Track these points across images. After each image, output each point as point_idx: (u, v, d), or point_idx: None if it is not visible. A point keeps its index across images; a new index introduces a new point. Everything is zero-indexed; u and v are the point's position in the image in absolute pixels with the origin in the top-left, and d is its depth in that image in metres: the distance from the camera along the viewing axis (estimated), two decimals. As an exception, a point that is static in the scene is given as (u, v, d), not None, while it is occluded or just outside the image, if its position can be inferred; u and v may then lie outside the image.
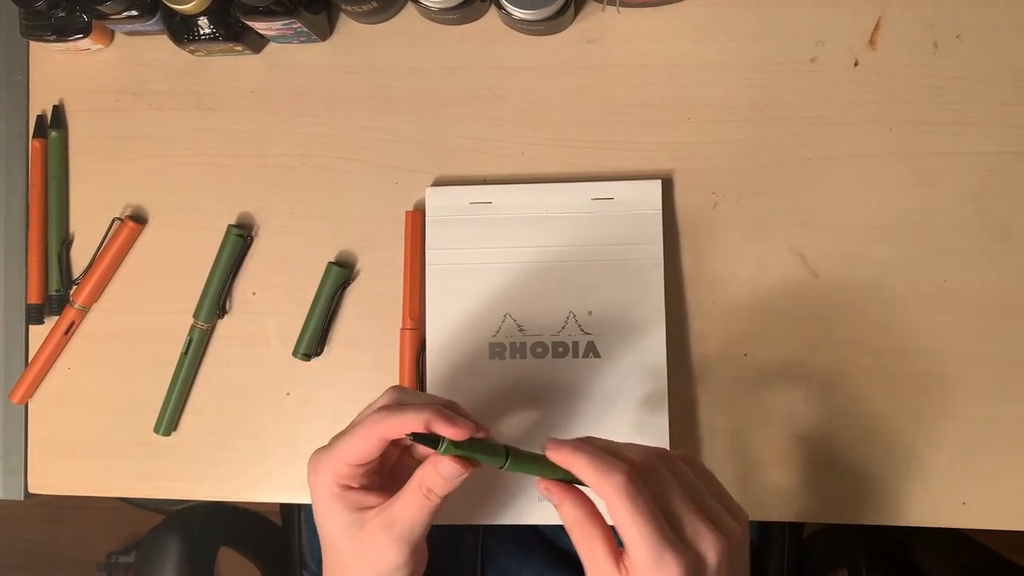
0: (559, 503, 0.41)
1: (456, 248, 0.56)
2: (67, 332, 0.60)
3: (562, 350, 0.55)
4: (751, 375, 0.55)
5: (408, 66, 0.59)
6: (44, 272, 0.61)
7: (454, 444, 0.41)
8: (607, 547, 0.40)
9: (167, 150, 0.60)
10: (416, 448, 0.47)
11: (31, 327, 0.61)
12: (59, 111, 0.61)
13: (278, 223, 0.59)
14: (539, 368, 0.55)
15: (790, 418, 0.55)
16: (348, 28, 0.59)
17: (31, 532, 1.44)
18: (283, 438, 0.59)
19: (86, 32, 0.58)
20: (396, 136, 0.59)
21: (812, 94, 0.56)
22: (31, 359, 0.61)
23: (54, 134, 0.61)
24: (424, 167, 0.58)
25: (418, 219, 0.57)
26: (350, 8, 0.56)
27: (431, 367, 0.56)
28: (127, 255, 0.60)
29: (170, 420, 0.59)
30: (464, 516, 0.54)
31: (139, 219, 0.60)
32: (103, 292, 0.60)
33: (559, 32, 0.57)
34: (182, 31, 0.56)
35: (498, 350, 0.55)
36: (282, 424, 0.59)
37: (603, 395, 0.54)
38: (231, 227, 0.59)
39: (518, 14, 0.53)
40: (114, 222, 0.60)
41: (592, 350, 0.55)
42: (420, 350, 0.56)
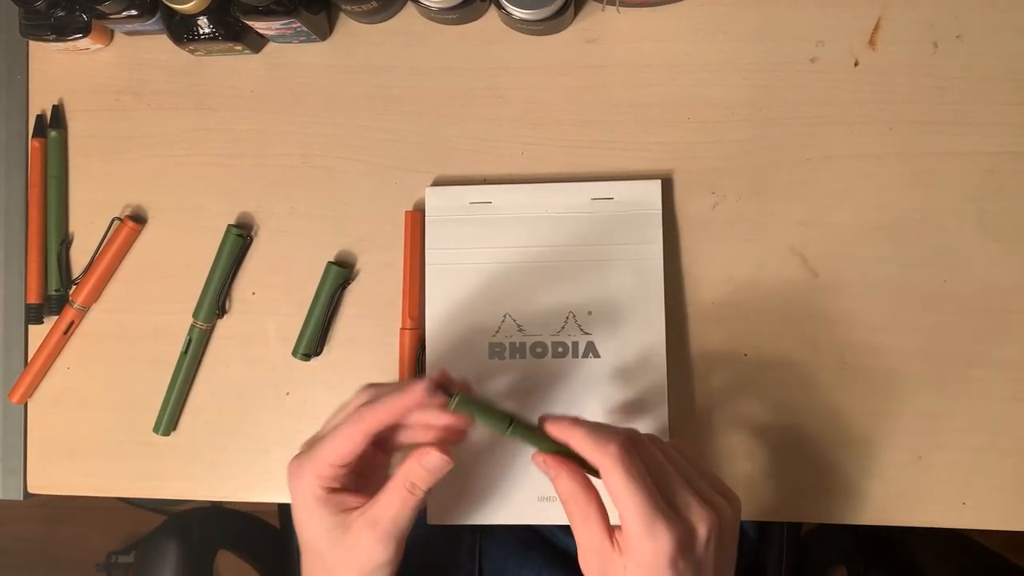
0: (556, 476, 0.42)
1: (456, 248, 0.56)
2: (66, 332, 0.60)
3: (562, 350, 0.55)
4: (751, 375, 0.55)
5: (408, 66, 0.59)
6: (44, 272, 0.61)
7: (463, 402, 0.42)
8: (601, 520, 0.42)
9: (167, 150, 0.60)
10: (393, 441, 0.47)
11: (30, 327, 0.61)
12: (59, 111, 0.61)
13: (278, 223, 0.59)
14: (539, 368, 0.55)
15: (790, 418, 0.55)
16: (348, 28, 0.59)
17: (31, 532, 1.44)
18: (283, 438, 0.59)
19: (86, 32, 0.58)
20: (396, 136, 0.59)
21: (812, 94, 0.56)
22: (30, 359, 0.61)
23: (54, 134, 0.61)
24: (424, 167, 0.58)
25: (418, 219, 0.57)
26: (350, 8, 0.56)
27: (431, 367, 0.56)
28: (127, 255, 0.60)
29: (169, 420, 0.59)
30: (463, 516, 0.54)
31: (139, 219, 0.60)
32: (102, 292, 0.60)
33: (559, 32, 0.57)
34: (182, 31, 0.56)
35: (498, 350, 0.55)
36: (282, 424, 0.59)
37: (603, 395, 0.54)
38: (231, 227, 0.59)
39: (518, 14, 0.53)
40: (114, 222, 0.60)
41: (592, 350, 0.55)
42: (420, 350, 0.56)
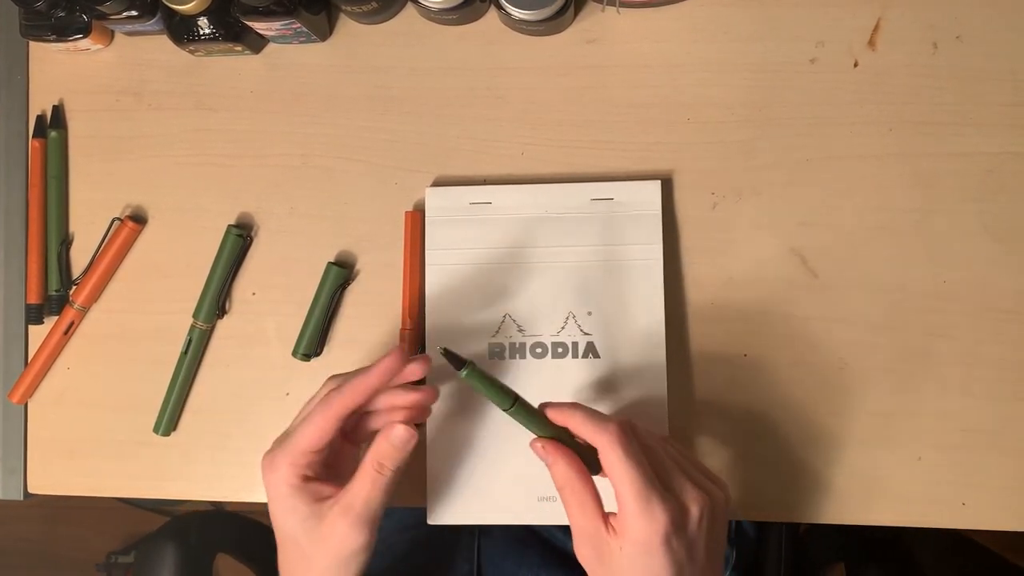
0: (553, 462, 0.44)
1: (456, 248, 0.56)
2: (67, 332, 0.60)
3: (562, 350, 0.55)
4: (751, 375, 0.55)
5: (408, 66, 0.59)
6: (44, 272, 0.61)
7: (475, 375, 0.43)
8: (596, 505, 0.43)
9: (167, 150, 0.60)
10: (361, 431, 0.49)
11: (31, 327, 0.61)
12: (59, 111, 0.61)
13: (278, 223, 0.59)
14: (539, 368, 0.55)
15: (789, 418, 0.55)
16: (348, 28, 0.59)
17: (31, 532, 1.44)
18: (283, 438, 0.59)
19: (86, 32, 0.58)
20: (396, 136, 0.59)
21: (812, 95, 0.56)
22: (31, 359, 0.61)
23: (54, 134, 0.61)
24: (424, 167, 0.58)
25: (418, 219, 0.57)
26: (350, 8, 0.56)
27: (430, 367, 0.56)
28: (127, 255, 0.60)
29: (169, 420, 0.59)
30: (462, 516, 0.54)
31: (139, 219, 0.60)
32: (103, 292, 0.60)
33: (559, 32, 0.57)
34: (182, 31, 0.56)
35: (498, 350, 0.55)
36: (282, 424, 0.59)
37: (603, 395, 0.54)
38: (231, 227, 0.59)
39: (518, 14, 0.53)
40: (114, 222, 0.60)
41: (592, 350, 0.55)
42: (420, 350, 0.56)
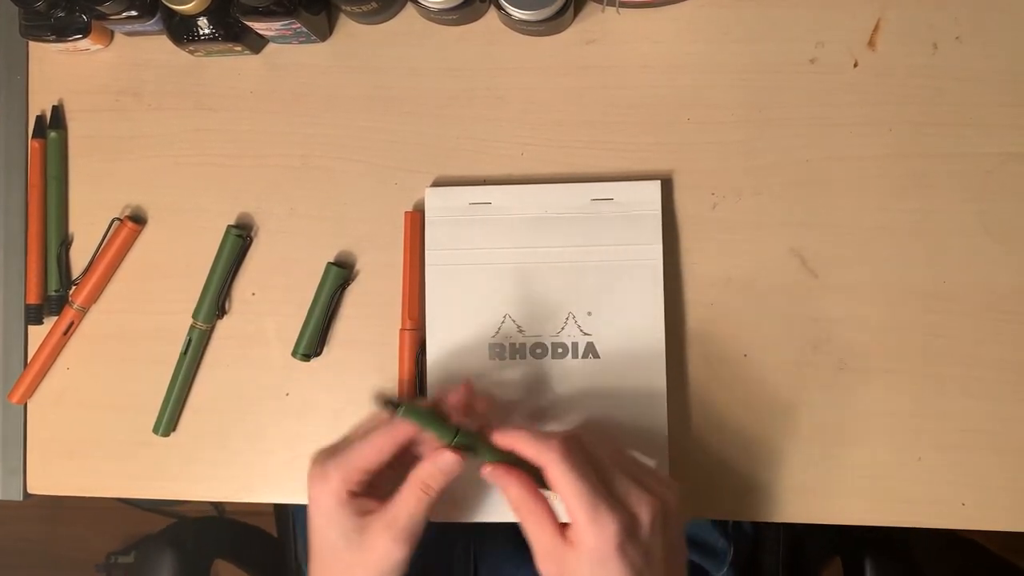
0: (505, 485, 0.45)
1: (455, 249, 0.56)
2: (66, 332, 0.60)
3: (561, 351, 0.55)
4: (751, 375, 0.55)
5: (408, 67, 0.59)
6: (43, 272, 0.61)
7: (411, 411, 0.44)
8: (551, 520, 0.44)
9: (167, 150, 0.60)
10: (417, 449, 0.48)
11: (30, 327, 0.61)
12: (58, 111, 0.61)
13: (278, 223, 0.59)
14: (538, 369, 0.55)
15: (789, 418, 0.55)
16: (348, 28, 0.59)
17: (30, 532, 1.44)
18: (283, 439, 0.59)
19: (85, 32, 0.58)
20: (396, 137, 0.59)
21: (812, 95, 0.56)
22: (30, 359, 0.61)
23: (53, 134, 0.61)
24: (424, 167, 0.58)
25: (417, 219, 0.57)
26: (350, 9, 0.56)
27: (430, 368, 0.56)
28: (126, 255, 0.60)
29: (169, 420, 0.59)
30: (458, 515, 0.54)
31: (138, 219, 0.60)
32: (102, 292, 0.60)
33: (559, 33, 0.57)
34: (182, 31, 0.56)
35: (498, 351, 0.55)
36: (282, 425, 0.59)
37: (602, 396, 0.54)
38: (230, 227, 0.59)
39: (517, 15, 0.53)
40: (113, 222, 0.60)
41: (591, 351, 0.55)
42: (420, 351, 0.56)
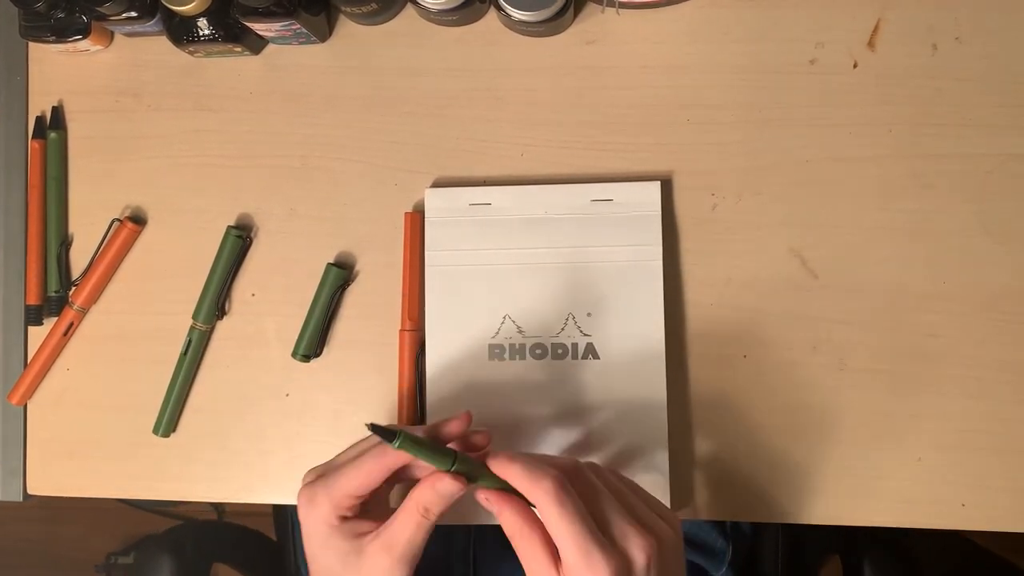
0: (499, 512, 0.43)
1: (455, 249, 0.56)
2: (66, 333, 0.60)
3: (561, 352, 0.55)
4: (750, 376, 0.55)
5: (408, 67, 0.59)
6: (43, 273, 0.61)
7: (408, 441, 0.42)
8: (546, 551, 0.42)
9: (166, 151, 0.60)
10: (409, 470, 0.47)
11: (30, 328, 0.61)
12: (58, 112, 0.61)
13: (277, 224, 0.59)
14: (538, 370, 0.55)
15: (789, 419, 0.55)
16: (347, 29, 0.59)
17: (30, 532, 1.44)
18: (283, 439, 0.59)
19: (85, 33, 0.58)
20: (395, 137, 0.59)
21: (811, 95, 0.56)
22: (30, 360, 0.61)
23: (53, 135, 0.61)
24: (423, 168, 0.58)
25: (417, 220, 0.57)
26: (349, 9, 0.56)
27: (430, 369, 0.56)
28: (126, 256, 0.60)
29: (169, 421, 0.59)
30: (455, 516, 0.54)
31: (138, 220, 0.60)
32: (102, 293, 0.60)
33: (558, 33, 0.57)
34: (181, 32, 0.56)
35: (497, 351, 0.55)
36: (281, 425, 0.59)
37: (602, 397, 0.54)
38: (230, 228, 0.59)
39: (517, 15, 0.53)
40: (113, 223, 0.60)
41: (591, 351, 0.55)
42: (419, 351, 0.56)
